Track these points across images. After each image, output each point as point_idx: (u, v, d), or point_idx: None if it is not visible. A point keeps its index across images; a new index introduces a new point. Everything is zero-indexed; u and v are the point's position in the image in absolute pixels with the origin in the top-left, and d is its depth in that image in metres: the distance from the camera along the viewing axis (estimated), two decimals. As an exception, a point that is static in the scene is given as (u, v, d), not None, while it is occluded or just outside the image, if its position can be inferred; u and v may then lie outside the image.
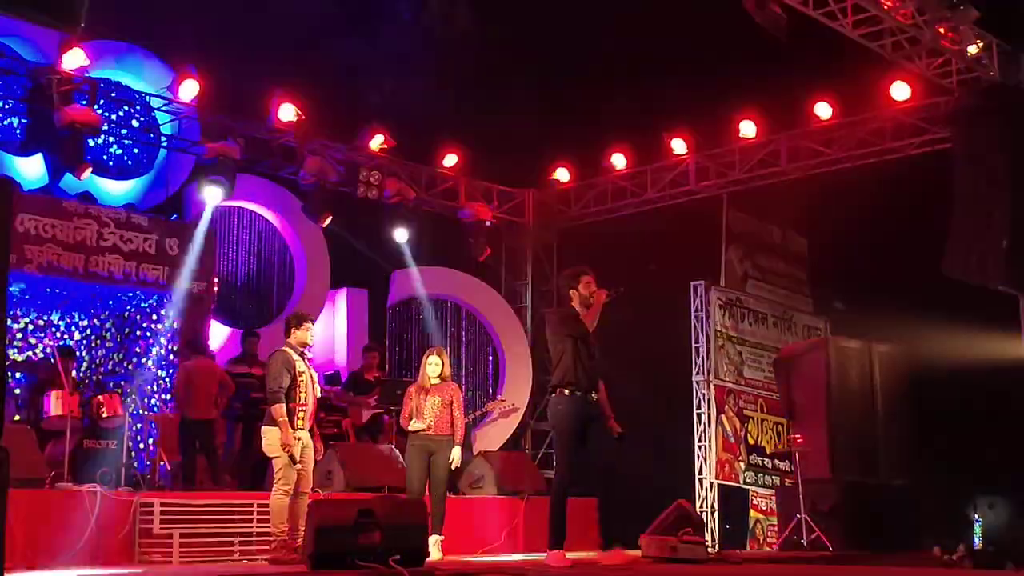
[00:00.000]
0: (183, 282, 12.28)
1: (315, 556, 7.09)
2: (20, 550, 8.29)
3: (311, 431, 8.94)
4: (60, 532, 8.66)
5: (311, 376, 8.85)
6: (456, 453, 9.54)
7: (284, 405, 8.57)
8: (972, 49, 11.66)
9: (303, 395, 8.70)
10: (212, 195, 12.35)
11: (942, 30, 11.38)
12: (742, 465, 14.77)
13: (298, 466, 8.69)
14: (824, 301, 16.31)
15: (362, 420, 12.96)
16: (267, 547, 8.87)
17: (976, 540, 13.89)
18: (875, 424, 12.34)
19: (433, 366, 9.58)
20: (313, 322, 9.24)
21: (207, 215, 12.55)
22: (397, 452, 11.10)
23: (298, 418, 8.68)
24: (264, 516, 9.17)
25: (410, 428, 9.50)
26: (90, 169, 11.72)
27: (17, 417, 10.71)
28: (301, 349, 8.87)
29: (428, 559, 7.94)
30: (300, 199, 13.87)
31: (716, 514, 14.35)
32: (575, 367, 7.93)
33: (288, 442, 8.54)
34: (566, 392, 8.00)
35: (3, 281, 5.33)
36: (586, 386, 7.99)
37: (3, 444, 5.16)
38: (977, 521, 13.75)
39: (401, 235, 14.34)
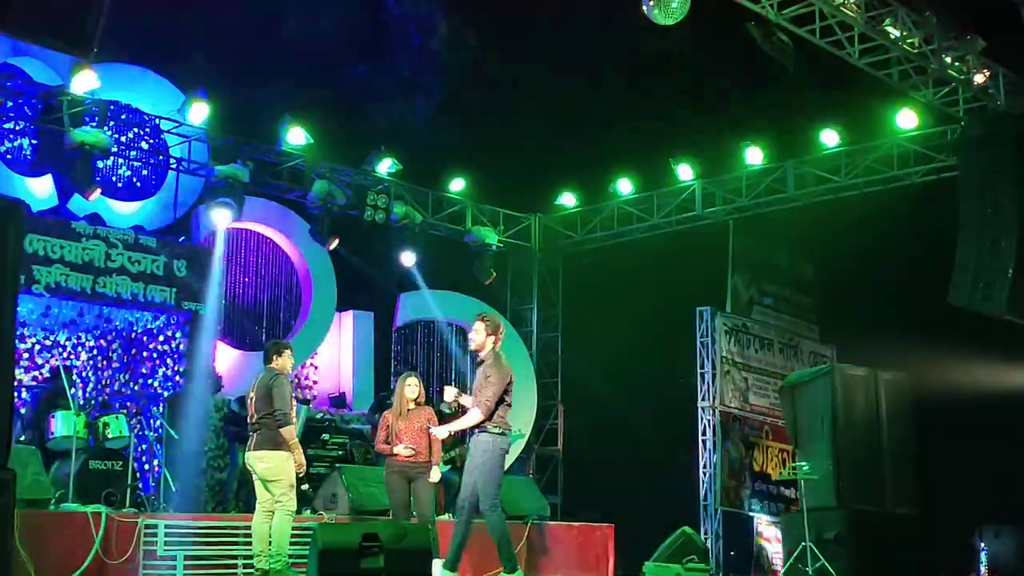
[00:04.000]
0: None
1: (319, 580, 7.10)
2: (25, 571, 8.28)
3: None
4: (65, 553, 8.65)
5: None
6: (436, 470, 9.39)
7: (294, 427, 8.63)
8: (979, 78, 11.70)
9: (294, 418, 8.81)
10: (221, 217, 12.41)
11: (949, 59, 11.43)
12: (747, 492, 14.73)
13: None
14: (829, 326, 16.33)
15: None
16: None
17: (982, 569, 13.81)
18: (881, 452, 12.28)
19: (412, 388, 9.39)
20: (291, 351, 9.23)
21: (221, 239, 12.58)
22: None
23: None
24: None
25: (397, 451, 9.30)
26: (99, 191, 11.78)
27: (23, 437, 10.72)
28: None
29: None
30: (308, 222, 13.93)
31: (721, 541, 14.31)
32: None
33: (303, 461, 8.62)
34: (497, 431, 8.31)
35: (14, 302, 5.37)
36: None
37: (9, 465, 5.19)
38: (983, 550, 13.68)
39: (408, 258, 14.38)
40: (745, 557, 14.56)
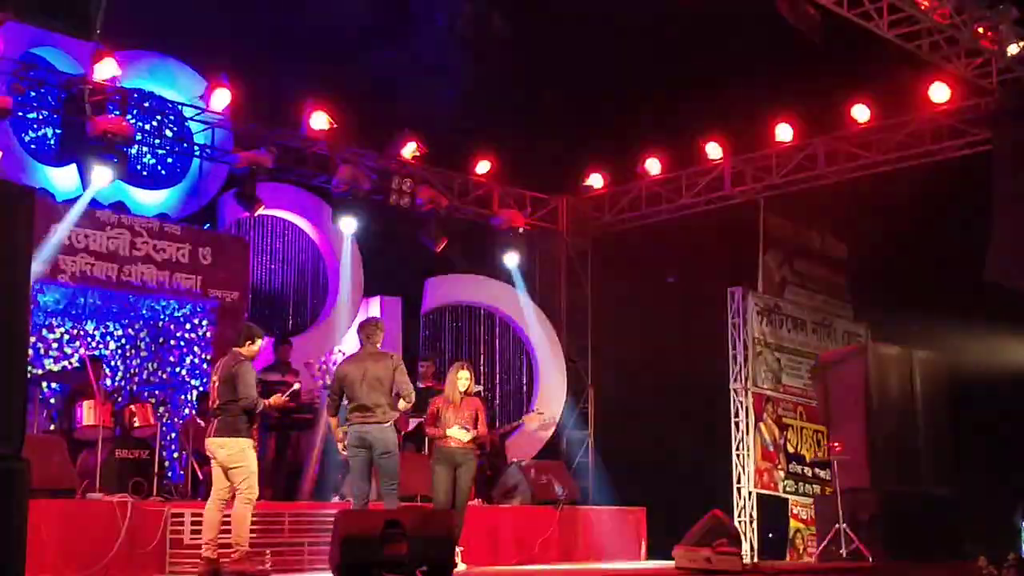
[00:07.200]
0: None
1: (341, 567, 7.04)
2: (51, 560, 8.30)
3: None
4: (91, 542, 8.66)
5: None
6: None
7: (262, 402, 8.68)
8: (1012, 49, 11.43)
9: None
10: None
11: (981, 30, 11.18)
12: (781, 474, 14.57)
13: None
14: (863, 307, 16.10)
15: (408, 428, 12.89)
16: (232, 557, 8.75)
17: (1023, 549, 13.59)
18: (916, 431, 12.14)
19: (463, 380, 9.55)
20: (264, 339, 9.13)
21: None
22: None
23: (256, 424, 8.80)
24: (296, 526, 9.16)
25: (450, 434, 9.37)
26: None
27: (52, 427, 10.75)
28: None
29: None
30: (332, 207, 13.87)
31: (755, 523, 14.17)
32: None
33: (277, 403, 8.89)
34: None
35: (25, 290, 5.30)
36: None
37: (27, 455, 5.12)
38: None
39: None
40: (780, 539, 14.42)
